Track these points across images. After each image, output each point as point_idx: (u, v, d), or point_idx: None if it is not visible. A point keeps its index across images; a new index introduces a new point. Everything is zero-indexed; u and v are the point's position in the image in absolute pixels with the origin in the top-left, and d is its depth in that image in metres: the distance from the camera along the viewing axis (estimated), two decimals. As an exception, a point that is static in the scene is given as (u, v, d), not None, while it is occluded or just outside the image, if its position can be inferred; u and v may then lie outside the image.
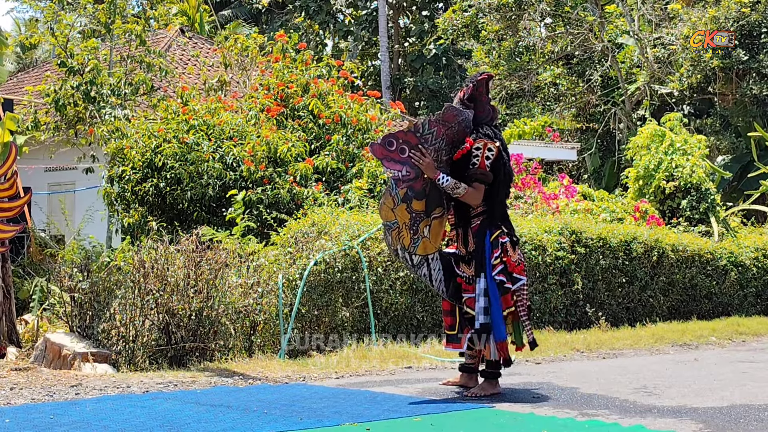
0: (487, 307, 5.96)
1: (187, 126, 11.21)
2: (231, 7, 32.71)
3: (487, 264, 5.98)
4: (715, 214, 13.59)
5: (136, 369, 7.41)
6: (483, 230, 6.06)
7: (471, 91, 6.22)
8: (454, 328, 6.18)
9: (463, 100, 6.24)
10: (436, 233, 6.16)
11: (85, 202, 14.59)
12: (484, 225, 6.07)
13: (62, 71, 13.25)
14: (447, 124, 6.10)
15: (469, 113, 6.17)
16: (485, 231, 6.06)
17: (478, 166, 6.05)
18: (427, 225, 6.13)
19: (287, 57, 13.12)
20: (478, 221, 6.09)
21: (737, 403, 5.84)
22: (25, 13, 48.13)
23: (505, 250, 6.03)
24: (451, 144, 6.11)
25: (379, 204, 6.12)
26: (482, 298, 5.96)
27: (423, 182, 6.10)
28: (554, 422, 5.18)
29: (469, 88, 6.24)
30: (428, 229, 6.12)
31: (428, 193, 6.12)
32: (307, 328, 8.31)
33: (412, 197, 6.10)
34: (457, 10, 22.02)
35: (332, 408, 5.53)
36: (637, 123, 19.70)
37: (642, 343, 9.36)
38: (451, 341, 6.23)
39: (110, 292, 7.72)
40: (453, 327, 6.19)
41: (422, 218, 6.13)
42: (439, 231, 6.18)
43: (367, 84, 32.55)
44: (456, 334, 6.17)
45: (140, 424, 5.00)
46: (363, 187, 10.83)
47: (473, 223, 6.10)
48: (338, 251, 8.53)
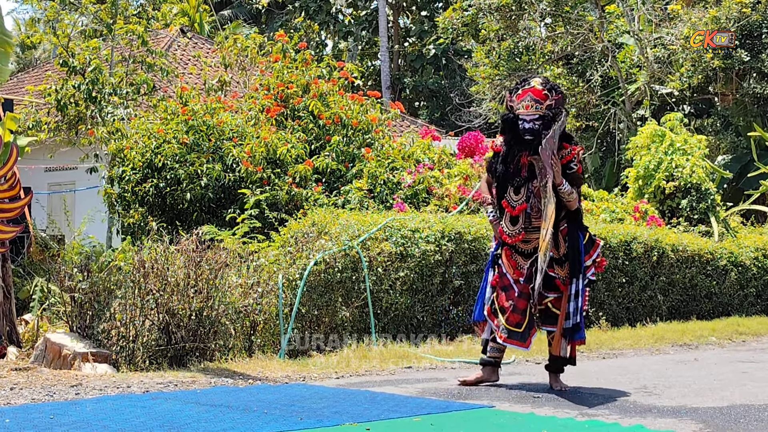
0: (580, 308, 6.23)
1: (187, 126, 11.21)
2: (231, 7, 32.70)
3: (582, 265, 6.20)
4: (715, 214, 13.58)
5: (136, 369, 7.41)
6: (574, 233, 6.25)
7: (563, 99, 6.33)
8: (521, 326, 6.28)
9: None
10: (542, 233, 6.27)
11: (85, 202, 14.60)
12: (574, 227, 6.27)
13: (63, 71, 13.26)
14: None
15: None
16: (577, 233, 6.26)
17: (576, 171, 6.25)
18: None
19: (287, 57, 13.12)
20: (565, 224, 6.26)
21: (737, 403, 5.84)
22: (25, 14, 48.13)
23: (602, 251, 6.38)
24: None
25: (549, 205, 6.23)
26: (576, 300, 6.20)
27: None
28: (554, 422, 5.18)
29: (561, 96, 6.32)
30: (544, 231, 6.21)
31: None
32: (307, 328, 8.32)
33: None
34: (457, 8, 22.00)
35: (332, 408, 5.53)
36: (637, 123, 19.69)
37: (642, 343, 9.36)
38: (513, 338, 6.30)
39: (110, 292, 7.71)
40: (520, 325, 6.29)
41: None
42: (542, 233, 6.30)
43: (367, 84, 32.54)
44: (522, 331, 6.28)
45: (140, 424, 5.00)
46: (363, 187, 10.83)
47: (561, 225, 6.24)
48: (338, 251, 8.53)
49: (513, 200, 6.29)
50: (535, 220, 6.25)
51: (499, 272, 6.41)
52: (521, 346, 6.35)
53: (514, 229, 6.31)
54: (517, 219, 6.29)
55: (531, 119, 6.17)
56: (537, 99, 6.19)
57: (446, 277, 9.21)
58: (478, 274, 9.36)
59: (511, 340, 6.31)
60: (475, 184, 11.45)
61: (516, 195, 6.28)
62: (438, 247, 9.12)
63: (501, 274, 6.40)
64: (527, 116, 6.19)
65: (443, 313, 9.22)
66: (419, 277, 8.99)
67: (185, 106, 11.74)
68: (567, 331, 6.26)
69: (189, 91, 12.47)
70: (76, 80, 13.00)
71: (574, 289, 6.20)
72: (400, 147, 12.00)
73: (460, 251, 9.28)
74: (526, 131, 6.19)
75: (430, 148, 12.22)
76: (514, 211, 6.27)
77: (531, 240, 6.27)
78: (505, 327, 6.29)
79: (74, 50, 13.32)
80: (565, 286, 6.23)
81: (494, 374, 6.53)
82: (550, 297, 6.25)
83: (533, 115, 6.17)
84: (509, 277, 6.35)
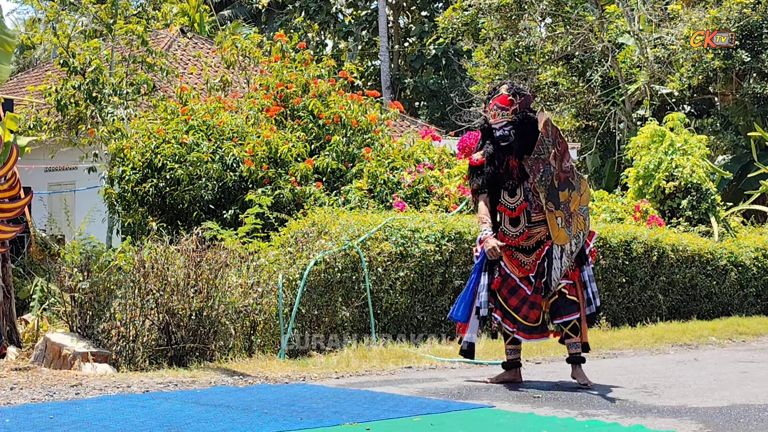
0: (596, 292, 6.50)
1: (186, 126, 11.21)
2: (231, 7, 32.71)
3: (587, 251, 6.49)
4: (715, 214, 13.58)
5: (136, 369, 7.41)
6: None
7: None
8: (539, 320, 6.46)
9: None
10: (554, 225, 6.39)
11: (85, 202, 14.60)
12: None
13: (64, 71, 13.26)
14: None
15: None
16: None
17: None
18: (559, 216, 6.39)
19: (287, 57, 13.12)
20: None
21: (737, 403, 5.84)
22: (25, 14, 48.13)
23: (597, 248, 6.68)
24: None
25: (583, 186, 6.49)
26: (591, 284, 6.46)
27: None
28: (554, 422, 5.18)
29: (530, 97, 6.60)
30: (560, 220, 6.35)
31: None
32: (307, 328, 8.32)
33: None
34: (457, 8, 22.00)
35: (332, 408, 5.53)
36: (637, 123, 19.69)
37: (642, 343, 9.36)
38: (534, 332, 6.47)
39: (110, 292, 7.72)
40: (539, 319, 6.46)
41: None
42: (554, 224, 6.39)
43: (366, 84, 32.56)
44: (541, 324, 6.46)
45: (140, 424, 5.00)
46: (363, 187, 10.83)
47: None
48: (338, 251, 8.53)
49: (509, 203, 6.42)
50: (535, 216, 6.38)
51: (502, 275, 6.46)
52: (544, 338, 6.61)
53: (516, 230, 6.42)
54: (518, 219, 6.40)
55: (500, 126, 6.44)
56: (502, 106, 6.46)
57: (446, 277, 9.21)
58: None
59: (534, 334, 6.50)
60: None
61: (511, 197, 6.41)
62: (438, 247, 9.12)
63: (504, 276, 6.45)
64: (497, 124, 6.47)
65: (443, 313, 9.22)
66: (419, 277, 9.00)
67: (185, 106, 11.74)
68: (591, 316, 6.54)
69: (189, 91, 12.47)
70: (76, 80, 13.00)
71: (586, 275, 6.46)
72: (400, 147, 12.00)
73: (460, 251, 9.28)
74: (499, 138, 6.44)
75: (430, 148, 12.22)
76: (513, 213, 6.39)
77: (533, 235, 6.40)
78: (525, 325, 6.43)
79: (74, 50, 13.32)
80: (573, 272, 6.42)
81: (518, 375, 6.68)
82: (562, 284, 6.40)
83: (501, 122, 6.45)
84: (514, 278, 6.43)
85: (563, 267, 6.30)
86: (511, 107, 6.42)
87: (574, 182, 6.40)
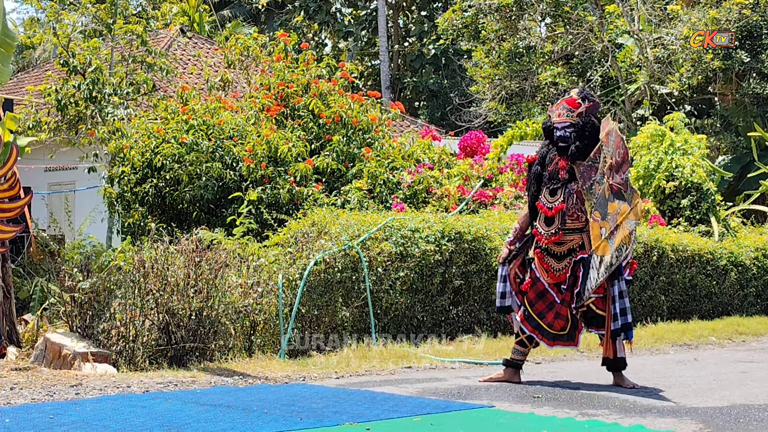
0: (628, 308, 6.45)
1: (186, 126, 11.20)
2: (231, 6, 32.70)
3: (621, 266, 6.41)
4: (715, 213, 13.57)
5: (136, 369, 7.40)
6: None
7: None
8: (566, 329, 6.53)
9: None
10: (596, 234, 6.39)
11: (85, 202, 14.60)
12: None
13: (64, 71, 13.25)
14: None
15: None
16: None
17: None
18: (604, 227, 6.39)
19: (289, 57, 13.11)
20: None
21: (737, 403, 5.84)
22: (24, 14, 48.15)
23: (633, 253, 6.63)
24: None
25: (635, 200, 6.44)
26: (621, 300, 6.40)
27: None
28: (554, 422, 5.18)
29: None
30: (605, 231, 6.35)
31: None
32: (307, 328, 8.32)
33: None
34: (457, 10, 22.00)
35: (332, 408, 5.53)
36: (637, 123, 19.69)
37: (642, 343, 9.36)
38: (559, 340, 6.56)
39: (110, 292, 7.71)
40: (564, 328, 6.53)
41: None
42: (597, 233, 6.39)
43: (366, 84, 32.55)
44: (568, 332, 6.54)
45: (140, 424, 5.00)
46: (363, 187, 10.82)
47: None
48: (338, 251, 8.53)
49: (548, 202, 6.47)
50: (570, 222, 6.41)
51: (532, 277, 6.53)
52: (570, 345, 6.67)
53: (549, 230, 6.47)
54: (553, 220, 6.45)
55: (562, 127, 6.48)
56: (569, 107, 6.51)
57: (446, 277, 9.21)
58: (478, 274, 9.37)
59: (558, 341, 6.57)
60: (475, 184, 11.46)
61: (551, 197, 6.46)
62: (438, 247, 9.11)
63: (534, 279, 6.53)
64: (559, 124, 6.50)
65: (443, 313, 9.22)
66: (419, 277, 8.99)
67: (185, 106, 11.73)
68: (615, 332, 6.43)
69: (189, 91, 12.46)
70: (76, 80, 12.99)
71: (617, 290, 6.40)
72: (400, 147, 12.00)
73: (460, 251, 9.28)
74: (559, 139, 6.49)
75: (430, 148, 12.22)
76: (550, 212, 6.44)
77: (565, 242, 6.44)
78: (549, 332, 6.51)
79: (74, 50, 13.31)
80: (604, 288, 6.39)
81: (516, 376, 6.68)
82: (592, 297, 6.41)
83: (564, 122, 6.47)
84: (543, 282, 6.50)
85: (600, 278, 6.28)
86: (578, 110, 6.48)
87: (626, 195, 6.37)
